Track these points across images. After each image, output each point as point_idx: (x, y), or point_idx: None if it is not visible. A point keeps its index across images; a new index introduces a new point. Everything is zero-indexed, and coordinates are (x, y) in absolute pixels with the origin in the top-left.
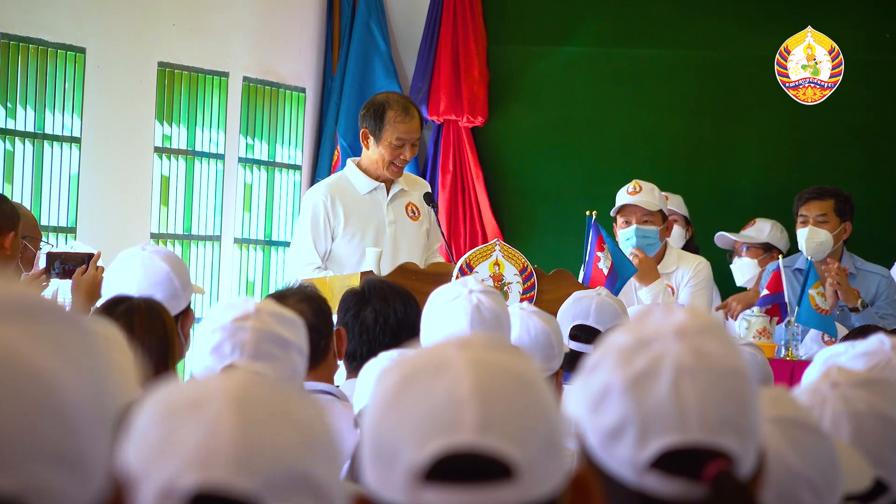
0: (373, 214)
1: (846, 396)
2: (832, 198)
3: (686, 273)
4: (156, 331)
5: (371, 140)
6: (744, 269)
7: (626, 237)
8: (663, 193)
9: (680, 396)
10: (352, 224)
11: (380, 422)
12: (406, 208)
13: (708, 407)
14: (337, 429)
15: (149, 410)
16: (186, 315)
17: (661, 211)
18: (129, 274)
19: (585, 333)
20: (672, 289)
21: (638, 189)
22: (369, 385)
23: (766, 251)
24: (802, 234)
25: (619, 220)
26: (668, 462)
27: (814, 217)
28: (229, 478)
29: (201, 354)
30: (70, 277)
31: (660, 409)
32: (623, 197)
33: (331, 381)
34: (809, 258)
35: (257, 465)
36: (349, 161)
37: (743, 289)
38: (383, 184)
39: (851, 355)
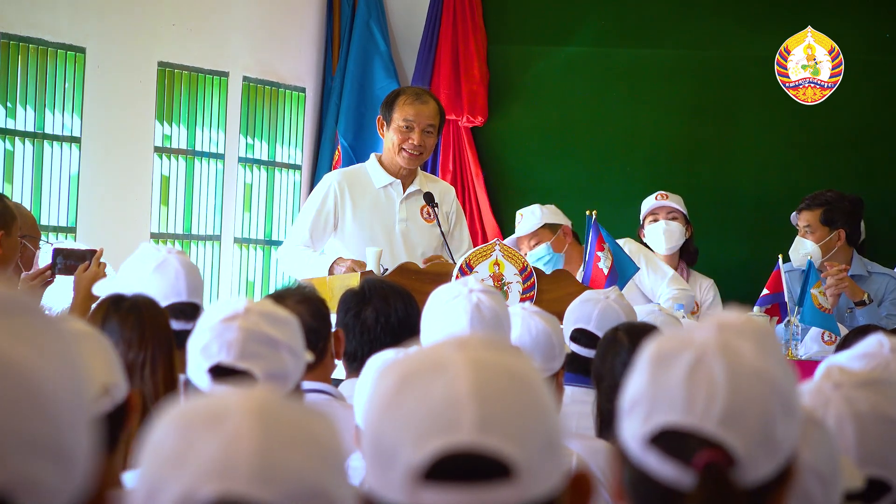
0: (383, 209)
1: (849, 397)
2: (820, 206)
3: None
4: (164, 327)
5: (385, 127)
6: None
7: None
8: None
9: (693, 380)
10: (360, 215)
11: (379, 422)
12: (421, 209)
13: (715, 398)
14: (340, 431)
15: (165, 423)
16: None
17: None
18: (172, 277)
19: (586, 337)
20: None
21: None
22: (370, 383)
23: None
24: (794, 243)
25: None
26: (666, 443)
27: (802, 227)
28: (250, 490)
29: (192, 354)
30: (72, 273)
31: (670, 389)
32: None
33: (328, 381)
34: (793, 265)
35: (277, 478)
36: (372, 154)
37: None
38: (399, 181)
39: (850, 356)
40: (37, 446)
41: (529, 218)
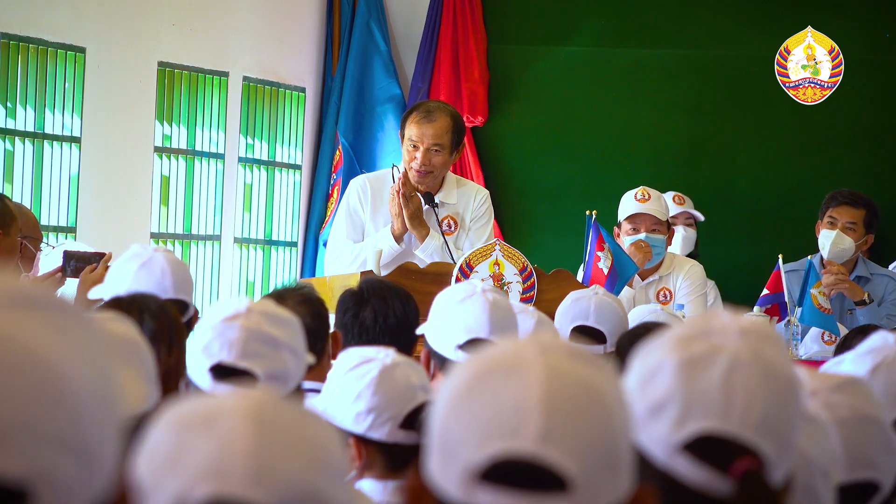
0: None
1: (829, 404)
2: (864, 208)
3: (679, 277)
4: (175, 327)
5: (401, 143)
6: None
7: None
8: (675, 193)
9: (730, 387)
10: (378, 223)
11: (447, 415)
12: (441, 222)
13: (754, 404)
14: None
15: (161, 423)
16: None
17: (667, 220)
18: (157, 274)
19: (586, 333)
20: (669, 292)
21: (647, 197)
22: (338, 377)
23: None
24: (828, 235)
25: (626, 226)
26: (700, 449)
27: (843, 223)
28: (244, 491)
29: (193, 353)
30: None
31: (707, 394)
32: (633, 204)
33: (324, 381)
34: (826, 258)
35: (272, 480)
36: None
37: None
38: (423, 193)
39: (856, 354)
40: (59, 440)
41: (658, 203)
